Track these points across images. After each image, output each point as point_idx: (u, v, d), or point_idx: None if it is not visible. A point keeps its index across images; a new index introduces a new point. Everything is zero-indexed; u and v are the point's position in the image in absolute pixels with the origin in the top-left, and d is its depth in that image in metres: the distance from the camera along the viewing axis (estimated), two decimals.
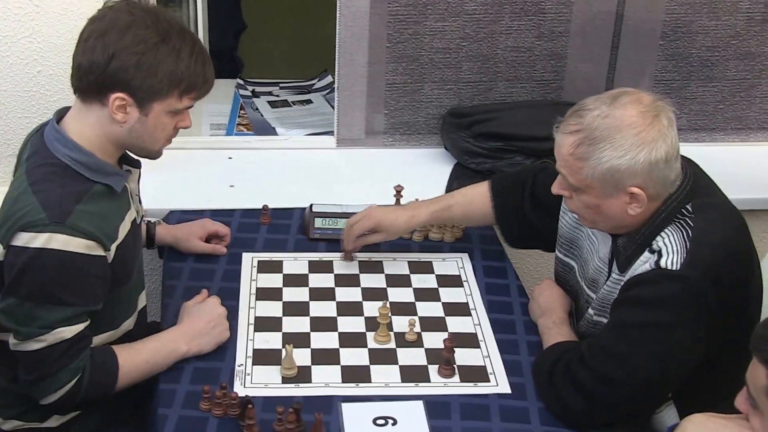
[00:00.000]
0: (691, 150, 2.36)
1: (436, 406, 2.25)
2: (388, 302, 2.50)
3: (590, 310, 2.38)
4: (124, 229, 2.25)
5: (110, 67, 2.09)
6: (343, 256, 2.77)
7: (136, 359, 2.27)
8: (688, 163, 2.29)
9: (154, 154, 2.29)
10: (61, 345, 2.14)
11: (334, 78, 3.45)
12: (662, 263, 2.15)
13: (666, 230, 2.20)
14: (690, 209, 2.21)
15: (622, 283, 2.24)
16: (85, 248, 2.12)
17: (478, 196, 2.75)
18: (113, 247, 2.20)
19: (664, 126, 2.16)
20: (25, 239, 2.08)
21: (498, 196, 2.72)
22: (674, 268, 2.13)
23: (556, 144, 2.25)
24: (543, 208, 2.61)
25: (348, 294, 2.64)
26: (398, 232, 2.72)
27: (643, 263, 2.19)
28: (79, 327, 2.16)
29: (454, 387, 2.32)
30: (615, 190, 2.17)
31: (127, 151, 2.30)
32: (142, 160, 2.35)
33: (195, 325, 2.37)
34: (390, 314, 2.47)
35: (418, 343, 2.45)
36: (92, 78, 2.12)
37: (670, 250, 2.16)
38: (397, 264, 2.78)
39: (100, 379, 2.21)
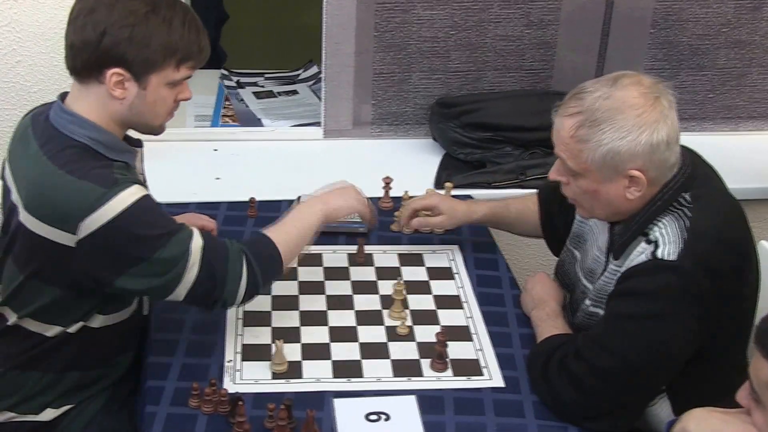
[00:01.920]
0: (681, 139, 2.33)
1: (429, 401, 2.22)
2: (402, 279, 2.51)
3: (587, 301, 2.36)
4: None
5: (103, 44, 2.07)
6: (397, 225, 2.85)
7: (285, 229, 2.34)
8: (688, 152, 2.26)
9: (156, 130, 2.26)
10: (206, 251, 2.15)
11: (320, 68, 3.41)
12: (659, 254, 2.13)
13: (664, 220, 2.17)
14: (688, 199, 2.18)
15: (619, 274, 2.21)
16: (143, 191, 2.12)
17: (532, 200, 2.75)
18: None
19: (665, 108, 2.14)
20: (98, 217, 2.04)
21: (543, 204, 2.71)
22: (670, 259, 2.11)
23: (554, 128, 2.22)
24: (568, 209, 2.57)
25: (338, 287, 2.60)
26: (457, 218, 2.72)
27: (640, 254, 2.17)
28: (197, 231, 2.18)
29: (447, 381, 2.29)
30: (614, 173, 2.15)
31: (128, 133, 2.27)
32: None
33: (326, 192, 2.47)
34: (405, 291, 2.47)
35: (409, 336, 2.42)
36: (86, 57, 2.09)
37: (666, 240, 2.14)
38: (387, 257, 2.75)
39: (264, 251, 2.25)
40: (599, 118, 2.12)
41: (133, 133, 2.28)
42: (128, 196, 2.07)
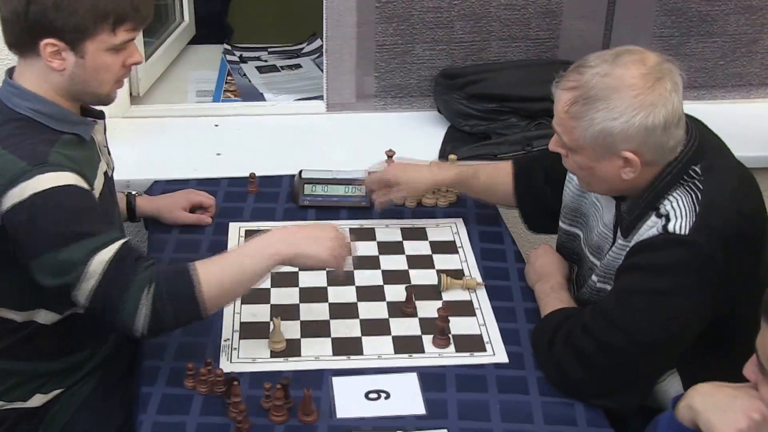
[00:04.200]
0: (691, 108, 2.28)
1: (430, 378, 2.18)
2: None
3: (594, 277, 2.32)
4: (99, 181, 2.18)
5: (30, 14, 2.01)
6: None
7: (222, 265, 2.07)
8: (693, 123, 2.20)
9: (104, 99, 2.19)
10: (111, 267, 1.98)
11: (322, 41, 3.36)
12: (670, 228, 2.07)
13: (674, 194, 2.12)
14: (698, 171, 2.13)
15: (627, 248, 2.17)
16: (74, 180, 2.03)
17: (503, 170, 2.70)
18: (95, 195, 2.12)
19: (667, 90, 2.07)
20: (15, 194, 1.98)
21: (519, 174, 2.66)
22: (682, 233, 2.06)
23: (555, 99, 2.17)
24: (554, 183, 2.55)
25: None
26: (420, 187, 2.69)
27: (650, 228, 2.12)
28: (117, 244, 2.00)
29: (450, 357, 2.25)
30: (607, 153, 2.10)
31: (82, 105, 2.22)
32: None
33: (299, 232, 2.18)
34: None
35: (411, 312, 2.38)
36: (17, 29, 2.05)
37: (678, 214, 2.08)
38: (389, 231, 2.71)
39: (180, 290, 2.00)
40: (593, 96, 2.07)
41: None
42: (50, 179, 1.99)
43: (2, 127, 2.08)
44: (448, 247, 2.64)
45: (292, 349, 2.25)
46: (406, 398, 2.12)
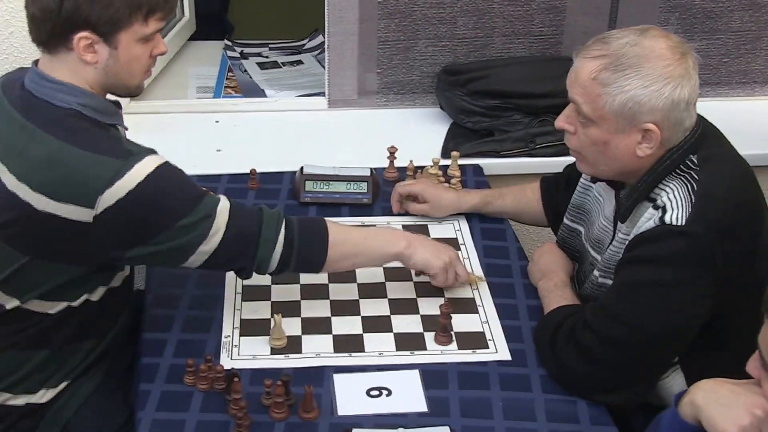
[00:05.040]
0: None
1: (432, 375, 2.17)
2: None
3: (595, 272, 2.31)
4: None
5: (64, 9, 2.02)
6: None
7: (351, 233, 2.32)
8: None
9: (134, 90, 2.22)
10: (233, 215, 2.13)
11: (324, 37, 3.35)
12: (667, 219, 2.07)
13: (671, 184, 2.12)
14: (695, 161, 2.13)
15: (627, 242, 2.15)
16: (161, 158, 2.10)
17: (531, 189, 2.71)
18: None
19: (690, 67, 2.09)
20: (117, 190, 2.01)
21: (547, 191, 2.67)
22: (679, 224, 2.05)
23: (572, 70, 2.15)
24: (570, 189, 2.55)
25: None
26: (443, 208, 2.68)
27: (648, 220, 2.12)
28: (225, 198, 2.15)
29: (452, 355, 2.24)
30: (629, 124, 2.08)
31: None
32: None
33: (424, 239, 2.41)
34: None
35: (413, 309, 2.37)
36: (50, 26, 2.05)
37: (675, 205, 2.08)
38: (391, 228, 2.68)
39: (313, 229, 2.21)
40: (625, 63, 2.06)
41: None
42: (146, 165, 2.04)
43: (60, 126, 2.07)
44: (451, 244, 2.59)
45: (293, 345, 2.23)
46: (408, 395, 2.11)
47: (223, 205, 2.13)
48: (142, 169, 2.03)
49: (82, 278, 2.16)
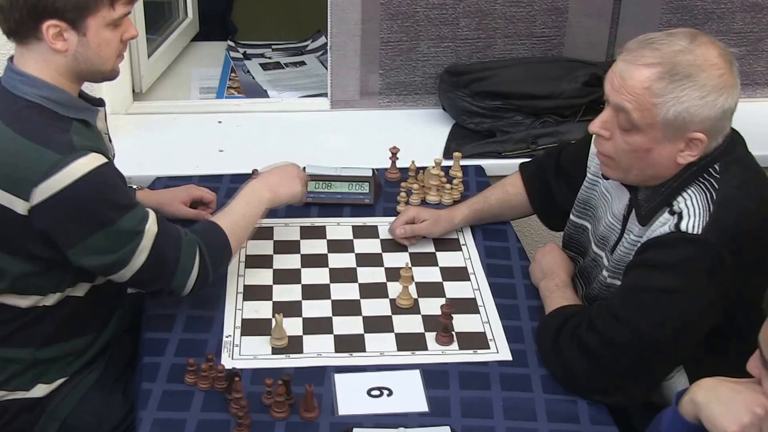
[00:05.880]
0: None
1: (433, 375, 2.17)
2: (409, 262, 2.41)
3: (604, 272, 2.30)
4: None
5: None
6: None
7: (233, 218, 2.34)
8: None
9: (109, 75, 2.22)
10: (159, 238, 2.14)
11: (327, 38, 3.35)
12: (682, 226, 2.05)
13: (689, 190, 2.09)
14: (717, 168, 2.10)
15: (639, 244, 2.14)
16: (104, 158, 2.09)
17: (511, 183, 2.70)
18: None
19: (736, 74, 2.06)
20: (50, 186, 2.01)
21: (530, 180, 2.65)
22: (695, 232, 2.03)
23: (616, 74, 2.08)
24: (565, 178, 2.54)
25: (342, 260, 2.55)
26: (441, 225, 2.63)
27: (663, 225, 2.10)
28: (154, 216, 2.16)
29: (453, 355, 2.24)
30: (676, 134, 2.05)
31: (83, 92, 2.24)
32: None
33: (272, 176, 2.50)
34: (413, 276, 2.39)
35: (414, 309, 2.37)
36: (17, 15, 2.06)
37: (692, 212, 2.06)
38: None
39: (215, 241, 2.27)
40: (681, 73, 2.01)
41: (90, 87, 2.25)
42: (85, 163, 2.03)
43: (16, 116, 2.08)
44: (452, 245, 2.63)
45: (294, 345, 2.23)
46: (409, 395, 2.11)
47: (151, 223, 2.14)
48: (80, 167, 2.03)
49: (44, 273, 2.16)
